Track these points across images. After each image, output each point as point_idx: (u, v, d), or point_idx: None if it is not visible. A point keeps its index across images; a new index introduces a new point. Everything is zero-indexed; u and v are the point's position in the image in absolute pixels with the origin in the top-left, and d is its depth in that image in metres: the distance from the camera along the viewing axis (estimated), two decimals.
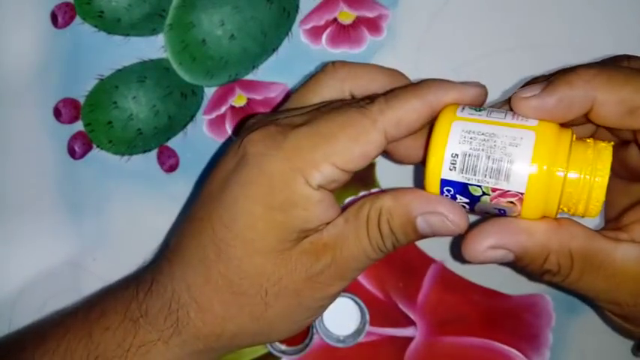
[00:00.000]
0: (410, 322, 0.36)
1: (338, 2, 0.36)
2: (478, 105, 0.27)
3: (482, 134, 0.25)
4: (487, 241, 0.25)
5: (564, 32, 0.36)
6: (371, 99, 0.27)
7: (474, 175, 0.25)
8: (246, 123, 0.29)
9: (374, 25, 0.36)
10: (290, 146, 0.26)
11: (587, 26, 0.36)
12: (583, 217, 0.26)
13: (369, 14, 0.36)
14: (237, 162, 0.27)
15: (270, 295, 0.27)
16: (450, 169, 0.25)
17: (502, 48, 0.36)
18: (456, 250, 0.36)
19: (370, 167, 0.36)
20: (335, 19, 0.36)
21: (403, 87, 0.27)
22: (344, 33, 0.36)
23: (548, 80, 0.26)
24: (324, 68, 0.30)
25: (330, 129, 0.26)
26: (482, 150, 0.25)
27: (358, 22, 0.36)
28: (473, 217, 0.27)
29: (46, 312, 0.36)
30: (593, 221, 0.32)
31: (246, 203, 0.26)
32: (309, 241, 0.27)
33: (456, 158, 0.25)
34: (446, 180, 0.25)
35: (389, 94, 0.27)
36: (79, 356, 0.29)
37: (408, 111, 0.26)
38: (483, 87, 0.27)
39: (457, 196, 0.25)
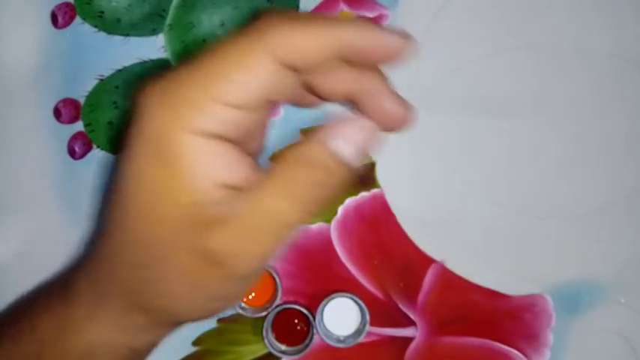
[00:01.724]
0: (410, 323, 0.36)
1: (338, 2, 0.36)
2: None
3: None
4: None
5: (564, 32, 0.36)
6: (267, 17, 0.22)
7: None
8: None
9: None
10: (169, 92, 0.21)
11: (587, 26, 0.36)
12: None
13: (369, 14, 0.36)
14: (133, 119, 0.22)
15: (163, 272, 0.22)
16: None
17: (502, 48, 0.36)
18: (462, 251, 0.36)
19: (370, 167, 0.36)
20: None
21: (313, 14, 0.23)
22: None
23: None
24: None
25: (212, 61, 0.21)
26: None
27: None
28: None
29: None
30: None
31: (133, 164, 0.22)
32: (202, 213, 0.21)
33: None
34: None
35: (293, 16, 0.22)
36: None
37: (314, 41, 0.21)
38: (405, 40, 0.22)
39: None
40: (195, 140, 0.21)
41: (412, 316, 0.36)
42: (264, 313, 0.35)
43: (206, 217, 0.21)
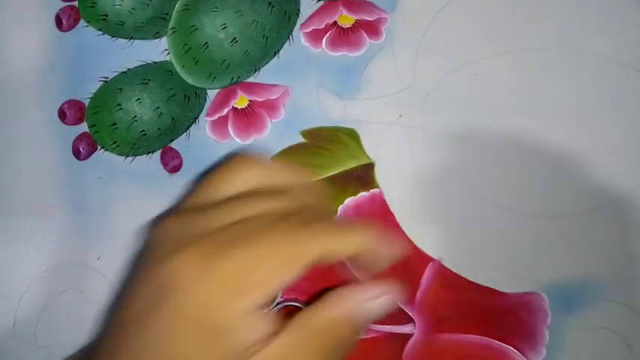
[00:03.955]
0: (408, 320, 0.36)
1: (338, 6, 0.37)
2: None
3: None
4: None
5: (562, 34, 0.36)
6: (303, 218, 0.27)
7: None
8: (155, 228, 0.28)
9: (373, 29, 0.37)
10: (220, 273, 0.25)
11: (584, 29, 0.36)
12: None
13: (369, 18, 0.37)
14: (160, 293, 0.25)
15: None
16: None
17: (501, 51, 0.36)
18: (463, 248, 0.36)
19: (369, 167, 0.37)
20: (335, 23, 0.37)
21: (343, 224, 0.27)
22: (344, 36, 0.37)
23: None
24: (233, 164, 0.30)
25: (262, 253, 0.25)
26: None
27: (358, 25, 0.37)
28: None
29: (50, 310, 0.36)
30: None
31: (177, 336, 0.25)
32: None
33: None
34: None
35: (324, 225, 0.27)
36: None
37: (344, 248, 0.27)
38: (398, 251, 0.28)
39: None
40: (246, 315, 0.25)
41: (410, 314, 0.36)
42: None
43: None
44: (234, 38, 0.36)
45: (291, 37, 0.37)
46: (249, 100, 0.37)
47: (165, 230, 0.27)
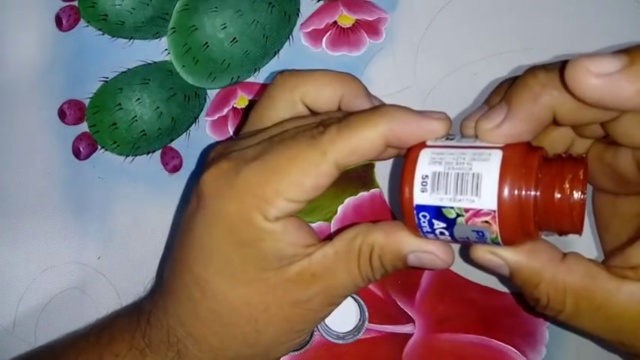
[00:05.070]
0: (408, 319, 0.36)
1: (338, 6, 0.37)
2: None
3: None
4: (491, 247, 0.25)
5: (562, 34, 0.36)
6: (324, 125, 0.26)
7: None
8: (207, 155, 0.29)
9: (373, 29, 0.37)
10: (242, 184, 0.26)
11: (584, 29, 0.36)
12: (567, 235, 0.25)
13: (369, 18, 0.37)
14: (197, 203, 0.27)
15: (260, 323, 0.27)
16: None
17: (500, 50, 0.36)
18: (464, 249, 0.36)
19: (369, 168, 0.37)
20: (335, 23, 0.37)
21: (359, 113, 0.26)
22: (344, 36, 0.37)
23: (504, 100, 0.25)
24: (274, 80, 0.29)
25: (281, 163, 0.25)
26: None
27: (358, 25, 0.37)
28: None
29: (50, 310, 0.37)
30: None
31: (214, 243, 0.27)
32: (296, 271, 0.26)
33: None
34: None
35: (343, 121, 0.26)
36: None
37: (361, 141, 0.25)
38: (446, 119, 0.26)
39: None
40: (272, 225, 0.26)
41: (410, 313, 0.36)
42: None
43: (296, 273, 0.26)
44: (234, 38, 0.36)
45: (291, 37, 0.37)
46: (249, 100, 0.37)
47: (213, 153, 0.29)
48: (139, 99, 0.37)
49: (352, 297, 0.36)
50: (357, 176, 0.37)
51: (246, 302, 0.27)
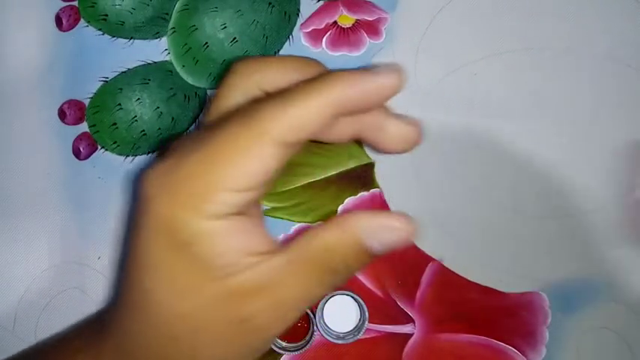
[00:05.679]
0: (408, 320, 0.36)
1: (338, 6, 0.37)
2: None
3: None
4: None
5: (562, 34, 0.36)
6: (264, 101, 0.23)
7: None
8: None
9: (373, 29, 0.37)
10: (179, 181, 0.23)
11: (585, 29, 0.36)
12: None
13: (369, 18, 0.37)
14: (138, 207, 0.24)
15: (199, 343, 0.24)
16: None
17: (501, 50, 0.36)
18: (469, 249, 0.36)
19: (369, 167, 0.37)
20: (335, 23, 0.37)
21: (302, 83, 0.23)
22: (344, 36, 0.37)
23: None
24: (231, 67, 0.26)
25: (217, 150, 0.22)
26: None
27: (358, 25, 0.37)
28: None
29: (50, 310, 0.37)
30: None
31: (152, 250, 0.23)
32: (238, 282, 0.23)
33: None
34: None
35: (285, 93, 0.23)
36: None
37: (307, 112, 0.22)
38: (397, 71, 0.23)
39: None
40: (211, 225, 0.22)
41: (410, 314, 0.36)
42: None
43: (239, 285, 0.23)
44: (234, 38, 0.36)
45: (291, 37, 0.37)
46: None
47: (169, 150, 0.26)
48: (139, 99, 0.37)
49: (352, 297, 0.36)
50: (357, 176, 0.37)
51: (187, 315, 0.23)
